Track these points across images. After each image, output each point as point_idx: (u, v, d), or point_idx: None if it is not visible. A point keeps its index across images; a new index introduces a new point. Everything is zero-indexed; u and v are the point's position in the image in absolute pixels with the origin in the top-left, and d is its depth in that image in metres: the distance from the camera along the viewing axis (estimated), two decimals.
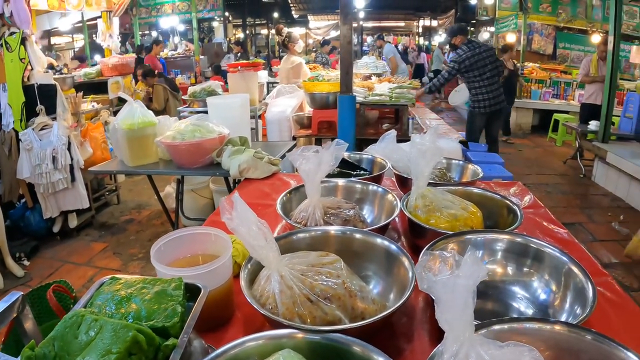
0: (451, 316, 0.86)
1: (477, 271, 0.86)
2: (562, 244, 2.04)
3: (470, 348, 0.87)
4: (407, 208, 1.85)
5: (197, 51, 13.76)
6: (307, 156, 1.72)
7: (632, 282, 4.86)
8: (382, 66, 8.05)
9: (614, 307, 1.60)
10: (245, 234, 1.23)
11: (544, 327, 1.11)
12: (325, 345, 1.11)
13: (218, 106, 3.62)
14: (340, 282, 1.29)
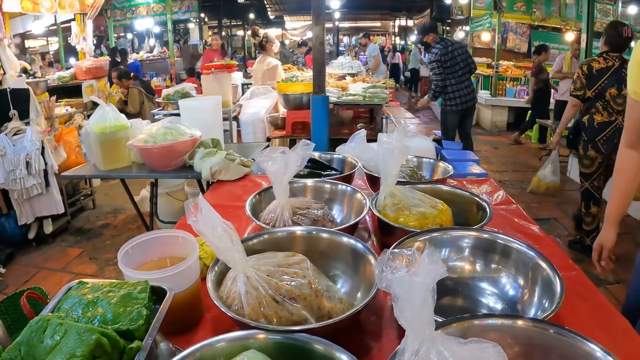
0: (410, 314, 0.85)
1: (435, 269, 0.85)
2: (533, 240, 2.06)
3: (431, 346, 0.87)
4: (376, 207, 1.84)
5: (173, 53, 13.69)
6: (275, 157, 1.71)
7: (607, 275, 4.90)
8: (357, 66, 8.06)
9: (583, 301, 1.61)
10: (210, 236, 1.22)
11: (507, 322, 1.12)
12: (290, 345, 1.12)
13: (190, 108, 3.60)
14: (307, 282, 1.29)
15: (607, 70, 4.67)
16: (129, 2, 13.95)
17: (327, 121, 4.18)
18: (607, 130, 4.71)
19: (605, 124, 4.72)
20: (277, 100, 5.78)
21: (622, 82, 4.53)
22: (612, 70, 4.65)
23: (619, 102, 4.60)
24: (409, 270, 0.85)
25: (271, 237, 1.62)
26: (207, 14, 22.52)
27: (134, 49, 19.26)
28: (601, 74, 4.69)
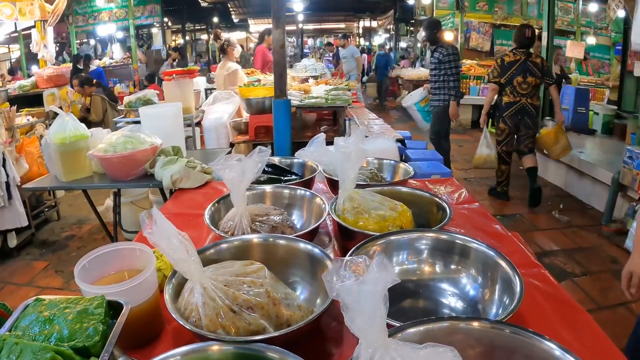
0: (361, 323, 0.84)
1: (386, 276, 0.84)
2: (495, 238, 2.08)
3: (385, 353, 0.86)
4: (336, 211, 1.83)
5: (136, 59, 13.56)
6: (231, 165, 1.69)
7: (574, 268, 4.99)
8: (321, 68, 8.06)
9: (546, 298, 1.62)
10: (166, 248, 1.20)
11: (462, 325, 1.11)
12: (248, 355, 1.11)
13: (151, 116, 3.56)
14: (264, 290, 1.28)
15: (515, 63, 6.17)
16: (91, 7, 13.81)
17: (290, 125, 4.17)
18: (512, 108, 6.27)
19: (511, 104, 6.25)
20: (239, 105, 5.74)
21: (526, 72, 6.10)
22: (519, 63, 6.15)
23: (524, 87, 6.13)
24: (358, 279, 0.84)
25: (229, 246, 1.60)
26: (170, 19, 22.36)
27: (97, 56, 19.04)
28: (511, 65, 6.18)
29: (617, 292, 4.41)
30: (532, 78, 6.12)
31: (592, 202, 6.68)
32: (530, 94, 6.19)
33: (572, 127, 8.29)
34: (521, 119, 6.26)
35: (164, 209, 2.52)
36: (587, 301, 4.35)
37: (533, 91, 6.21)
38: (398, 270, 1.61)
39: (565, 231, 5.92)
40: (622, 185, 5.66)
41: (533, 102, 6.24)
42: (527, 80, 6.09)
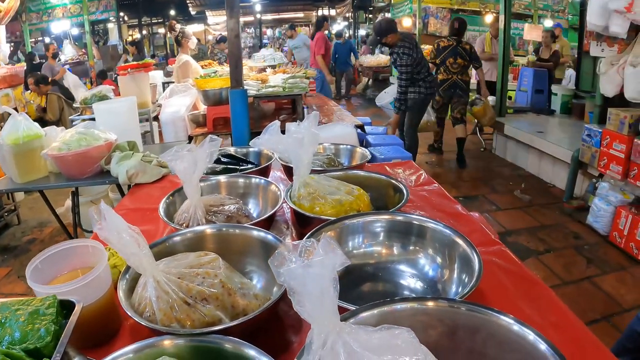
0: (311, 307, 0.82)
1: (333, 258, 0.82)
2: (454, 217, 2.08)
3: (337, 337, 0.84)
4: (291, 198, 1.82)
5: (91, 55, 13.31)
6: (182, 155, 1.65)
7: (538, 245, 5.06)
8: (280, 58, 8.01)
9: (507, 275, 1.63)
10: (116, 243, 1.17)
11: (416, 305, 1.10)
12: (203, 348, 1.09)
13: (105, 111, 3.49)
14: (218, 281, 1.26)
15: (448, 47, 7.48)
16: (45, 4, 13.47)
17: (247, 115, 4.12)
18: (446, 83, 7.57)
19: (445, 80, 7.55)
20: (197, 97, 5.68)
21: (457, 55, 7.42)
22: (451, 47, 7.45)
23: (455, 67, 7.45)
24: (304, 262, 0.82)
25: (182, 239, 1.57)
26: (126, 13, 22.06)
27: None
28: (445, 49, 7.50)
29: (581, 267, 4.50)
30: (461, 60, 7.46)
31: (554, 181, 6.78)
32: (460, 72, 7.55)
33: (532, 108, 8.41)
34: (454, 91, 7.61)
35: (121, 205, 2.48)
36: (552, 277, 4.42)
37: (462, 70, 7.56)
38: (355, 254, 1.61)
39: (528, 210, 6.01)
40: (582, 162, 5.77)
41: (463, 78, 7.59)
42: (457, 61, 7.45)
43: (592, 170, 5.75)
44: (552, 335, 1.26)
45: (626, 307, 4.00)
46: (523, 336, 0.99)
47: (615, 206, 5.04)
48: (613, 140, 5.10)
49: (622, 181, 5.09)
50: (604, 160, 5.28)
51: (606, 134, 5.23)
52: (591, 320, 3.81)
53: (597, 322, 3.81)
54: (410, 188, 2.37)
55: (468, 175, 7.36)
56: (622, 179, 5.06)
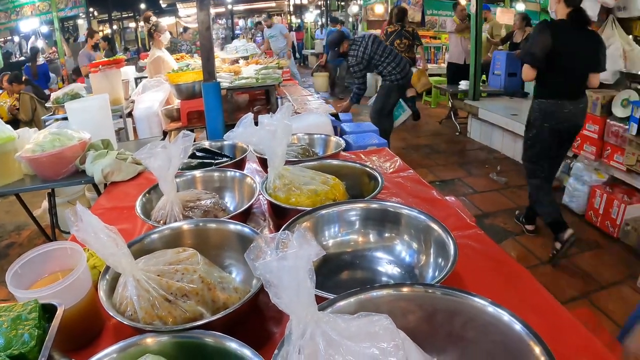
0: (288, 299, 0.83)
1: (308, 250, 0.83)
2: (430, 203, 2.10)
3: (316, 328, 0.85)
4: (267, 190, 1.82)
5: (62, 53, 13.14)
6: (156, 153, 1.65)
7: (515, 227, 5.12)
8: (252, 48, 7.98)
9: (485, 258, 1.66)
10: (94, 243, 1.16)
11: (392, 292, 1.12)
12: (186, 343, 1.10)
13: (77, 110, 3.45)
14: (197, 276, 1.26)
15: (394, 32, 8.86)
16: (12, 2, 13.26)
17: (221, 108, 4.10)
18: None
19: None
20: (170, 91, 5.64)
21: (402, 37, 8.83)
22: (396, 32, 8.84)
23: (402, 46, 8.77)
24: (278, 255, 0.83)
25: (160, 236, 1.57)
26: (95, 8, 21.78)
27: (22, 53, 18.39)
28: (392, 33, 8.88)
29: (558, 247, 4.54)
30: (406, 40, 8.87)
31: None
32: (406, 50, 8.87)
33: (505, 92, 8.48)
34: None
35: (97, 204, 2.46)
36: (530, 257, 4.48)
37: (408, 49, 8.95)
38: (332, 243, 1.62)
39: (504, 192, 6.07)
40: None
41: (409, 56, 8.80)
42: (403, 41, 8.89)
43: None
44: (530, 316, 1.28)
45: (604, 284, 4.07)
46: (498, 317, 1.01)
47: (590, 186, 5.12)
48: (586, 121, 5.15)
49: (596, 161, 5.16)
50: (577, 141, 5.34)
51: None
52: (570, 299, 3.87)
53: (576, 300, 3.87)
54: (385, 175, 2.39)
55: (444, 160, 7.41)
56: (596, 159, 5.13)
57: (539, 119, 4.39)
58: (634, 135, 4.46)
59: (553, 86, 4.26)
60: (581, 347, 1.23)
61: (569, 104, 4.22)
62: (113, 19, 23.35)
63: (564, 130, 4.33)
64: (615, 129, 4.81)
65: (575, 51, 4.12)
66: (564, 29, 4.13)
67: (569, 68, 4.15)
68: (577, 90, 4.27)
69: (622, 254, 4.53)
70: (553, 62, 4.12)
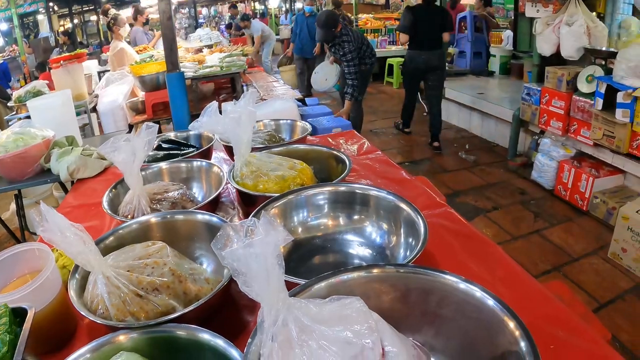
0: (258, 287, 0.82)
1: (275, 237, 0.82)
2: (400, 184, 2.11)
3: (288, 314, 0.85)
4: (234, 178, 1.81)
5: (22, 50, 12.89)
6: (119, 146, 1.61)
7: (485, 203, 5.17)
8: (216, 37, 7.87)
9: (455, 236, 1.67)
10: (61, 242, 1.14)
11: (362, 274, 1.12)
12: (160, 338, 1.10)
13: (39, 108, 3.39)
14: (167, 269, 1.25)
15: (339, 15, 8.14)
16: None
17: (186, 98, 4.06)
18: None
19: None
20: (133, 84, 5.56)
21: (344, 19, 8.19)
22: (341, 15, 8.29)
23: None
24: (244, 243, 0.81)
25: (128, 231, 1.54)
26: (55, 3, 21.33)
27: None
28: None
29: (529, 222, 4.62)
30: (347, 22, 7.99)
31: (497, 140, 6.92)
32: None
33: (471, 71, 8.54)
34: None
35: (64, 203, 2.42)
36: (501, 233, 4.53)
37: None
38: (303, 228, 1.62)
39: (474, 170, 6.13)
40: (523, 121, 5.91)
41: None
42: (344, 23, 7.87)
43: (533, 128, 5.88)
44: (501, 289, 1.30)
45: (575, 256, 4.14)
46: (471, 294, 1.01)
47: (558, 161, 5.19)
48: (552, 98, 5.23)
49: (563, 136, 5.23)
50: (544, 117, 5.42)
51: (545, 91, 5.37)
52: (543, 272, 3.93)
53: (549, 272, 3.94)
54: (353, 157, 2.39)
55: (412, 141, 7.45)
56: (563, 134, 5.20)
57: (407, 62, 6.98)
58: (599, 110, 4.52)
59: (416, 43, 6.67)
60: (553, 317, 1.25)
61: (425, 53, 6.62)
62: (74, 13, 22.91)
63: (422, 68, 6.75)
64: (581, 104, 4.87)
65: (428, 20, 6.54)
66: (420, 7, 6.75)
67: (425, 31, 6.54)
68: (432, 44, 6.63)
69: (592, 226, 4.60)
70: (415, 28, 6.55)
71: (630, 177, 4.68)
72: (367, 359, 0.82)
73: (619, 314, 3.44)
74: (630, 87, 4.08)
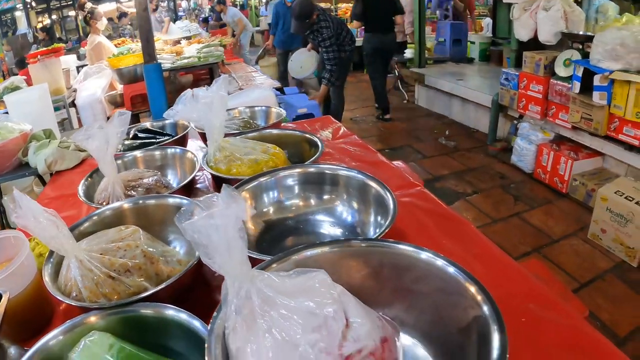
0: (220, 259, 0.83)
1: (236, 209, 0.83)
2: (375, 166, 2.13)
3: (251, 285, 0.86)
4: (209, 163, 1.83)
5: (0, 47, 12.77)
6: (92, 134, 1.62)
7: (465, 187, 5.23)
8: (195, 29, 7.87)
9: (429, 215, 1.69)
10: (34, 228, 1.16)
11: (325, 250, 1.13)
12: (131, 318, 1.12)
13: (16, 103, 3.40)
14: (139, 251, 1.27)
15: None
16: None
17: (164, 89, 4.07)
18: None
19: None
20: (112, 77, 5.55)
21: None
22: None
23: None
24: (204, 214, 0.83)
25: (101, 217, 1.55)
26: None
27: None
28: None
29: (509, 205, 4.67)
30: None
31: (477, 126, 6.97)
32: None
33: (451, 58, 8.58)
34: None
35: (43, 194, 2.43)
36: (482, 217, 4.59)
37: None
38: (274, 209, 1.64)
39: (454, 155, 6.18)
40: (502, 106, 5.96)
41: None
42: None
43: (512, 112, 5.94)
44: (477, 267, 1.32)
45: (555, 238, 4.20)
46: (432, 263, 1.03)
47: (537, 144, 5.25)
48: (530, 82, 5.28)
49: (541, 120, 5.29)
50: (522, 102, 5.48)
51: (523, 76, 5.42)
52: (523, 254, 3.98)
53: (529, 254, 3.99)
54: (329, 142, 2.42)
55: (393, 128, 7.49)
56: (542, 118, 5.26)
57: (365, 45, 7.53)
58: (577, 93, 4.58)
59: (370, 27, 7.36)
60: (526, 292, 1.27)
61: (380, 36, 7.29)
62: (52, 9, 22.68)
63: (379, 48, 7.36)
64: (558, 88, 4.93)
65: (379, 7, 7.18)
66: None
67: (377, 16, 7.20)
68: (386, 28, 7.32)
69: (571, 208, 4.67)
70: (367, 15, 7.27)
71: (609, 159, 4.74)
72: (330, 328, 0.83)
73: (599, 293, 3.49)
74: (606, 70, 4.13)
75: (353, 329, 0.85)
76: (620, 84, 4.08)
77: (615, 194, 3.87)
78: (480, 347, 0.88)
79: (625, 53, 4.03)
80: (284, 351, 0.81)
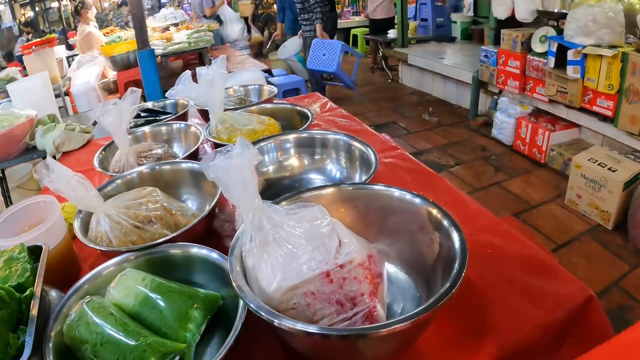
0: (237, 193, 1.03)
1: (249, 152, 1.02)
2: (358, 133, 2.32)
3: (262, 214, 1.06)
4: (211, 134, 2.02)
5: None
6: (107, 110, 1.80)
7: (448, 160, 5.43)
8: (181, 15, 7.95)
9: (407, 172, 1.95)
10: (66, 189, 1.32)
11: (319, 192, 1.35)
12: (158, 258, 1.32)
13: (19, 90, 3.52)
14: (159, 205, 1.48)
15: None
16: None
17: (157, 74, 4.20)
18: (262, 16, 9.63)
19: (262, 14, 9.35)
20: (105, 65, 5.68)
21: None
22: None
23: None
24: (225, 157, 1.02)
25: (123, 181, 1.75)
26: None
27: None
28: None
29: (489, 175, 4.87)
30: None
31: (459, 102, 7.17)
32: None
33: (434, 37, 8.72)
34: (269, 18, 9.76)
35: None
36: (464, 186, 4.80)
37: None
38: (272, 169, 1.87)
39: (437, 130, 6.37)
40: (482, 82, 6.15)
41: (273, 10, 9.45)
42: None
43: (492, 88, 6.14)
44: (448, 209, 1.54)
45: (534, 204, 4.42)
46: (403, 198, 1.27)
47: (515, 118, 5.45)
48: (508, 58, 5.48)
49: (519, 95, 5.51)
50: (501, 78, 5.68)
51: (501, 53, 5.60)
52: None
53: None
54: (317, 115, 2.62)
55: (377, 106, 7.65)
56: (520, 93, 5.48)
57: None
58: (552, 68, 4.78)
59: None
60: (490, 228, 1.51)
61: None
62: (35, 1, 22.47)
63: None
64: (535, 63, 5.13)
65: None
66: None
67: None
68: None
69: (549, 177, 4.88)
70: None
71: (585, 130, 4.94)
72: (327, 246, 1.03)
73: (575, 253, 3.69)
74: (579, 45, 4.32)
75: (345, 245, 1.05)
76: (593, 58, 4.28)
77: (589, 161, 4.07)
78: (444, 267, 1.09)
79: (597, 29, 4.19)
80: (292, 258, 1.01)
